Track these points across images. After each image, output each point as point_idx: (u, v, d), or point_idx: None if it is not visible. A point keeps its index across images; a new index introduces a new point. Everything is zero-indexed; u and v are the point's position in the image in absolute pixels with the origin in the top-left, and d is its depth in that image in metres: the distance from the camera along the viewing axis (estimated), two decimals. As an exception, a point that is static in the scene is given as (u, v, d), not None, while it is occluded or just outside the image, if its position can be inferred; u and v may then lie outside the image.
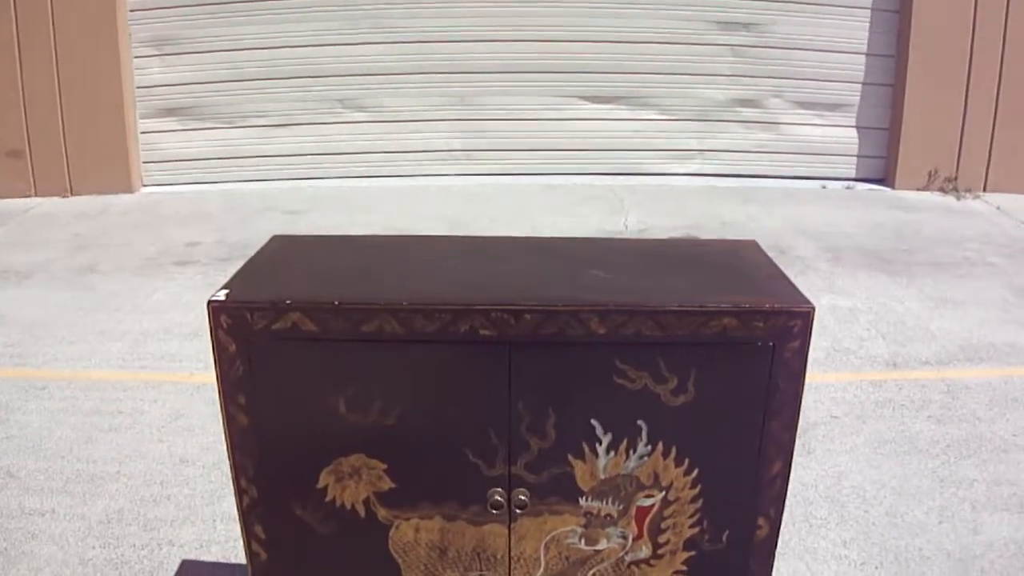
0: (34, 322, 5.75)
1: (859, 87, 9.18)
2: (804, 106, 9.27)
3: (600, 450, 2.21)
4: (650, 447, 2.20)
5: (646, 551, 2.30)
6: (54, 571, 3.41)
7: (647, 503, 2.26)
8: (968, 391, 4.86)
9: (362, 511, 2.26)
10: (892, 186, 9.15)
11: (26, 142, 8.69)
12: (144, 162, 9.14)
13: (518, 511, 2.25)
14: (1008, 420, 4.57)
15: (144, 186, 9.16)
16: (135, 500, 3.89)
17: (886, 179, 9.28)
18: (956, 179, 9.00)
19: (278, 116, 9.15)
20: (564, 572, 2.32)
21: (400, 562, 2.32)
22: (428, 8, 8.91)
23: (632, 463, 2.22)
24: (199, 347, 5.29)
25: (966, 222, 8.09)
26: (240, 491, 2.25)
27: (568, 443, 2.20)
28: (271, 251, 2.52)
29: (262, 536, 2.29)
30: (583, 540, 2.29)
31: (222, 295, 2.14)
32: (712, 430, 2.20)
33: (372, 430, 2.19)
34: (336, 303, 2.10)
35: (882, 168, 9.34)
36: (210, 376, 2.17)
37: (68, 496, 3.91)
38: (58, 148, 8.73)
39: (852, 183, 9.34)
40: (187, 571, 3.44)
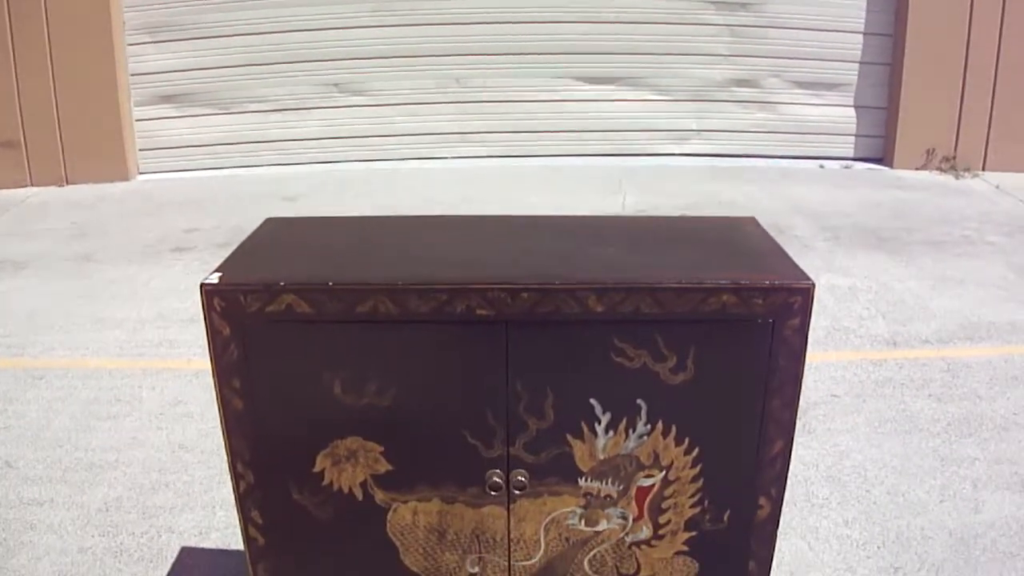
0: (31, 311, 5.73)
1: (857, 66, 9.14)
2: (802, 86, 9.23)
3: (599, 430, 2.18)
4: (650, 426, 2.18)
5: (647, 531, 2.29)
6: (53, 560, 3.40)
7: (647, 483, 2.24)
8: (968, 370, 4.84)
9: (359, 494, 2.25)
10: (890, 165, 9.12)
11: (21, 132, 8.66)
12: (140, 150, 9.11)
13: (517, 492, 2.24)
14: (1008, 398, 4.55)
15: (140, 174, 9.12)
16: (134, 488, 3.88)
17: (884, 158, 9.25)
18: (955, 158, 8.96)
19: (274, 101, 9.12)
20: (564, 553, 2.31)
21: (398, 545, 2.30)
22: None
23: (632, 443, 2.20)
24: (197, 333, 5.26)
25: (965, 201, 8.06)
26: (236, 476, 2.23)
27: (567, 423, 2.18)
28: (265, 233, 2.49)
29: (259, 521, 2.27)
30: (583, 521, 2.27)
31: (215, 278, 2.11)
32: (712, 409, 2.18)
33: (368, 412, 2.17)
34: (330, 284, 2.07)
35: (880, 147, 9.30)
36: (208, 362, 2.15)
37: (66, 485, 3.90)
38: (53, 137, 8.70)
39: (850, 163, 9.31)
40: (186, 558, 3.43)
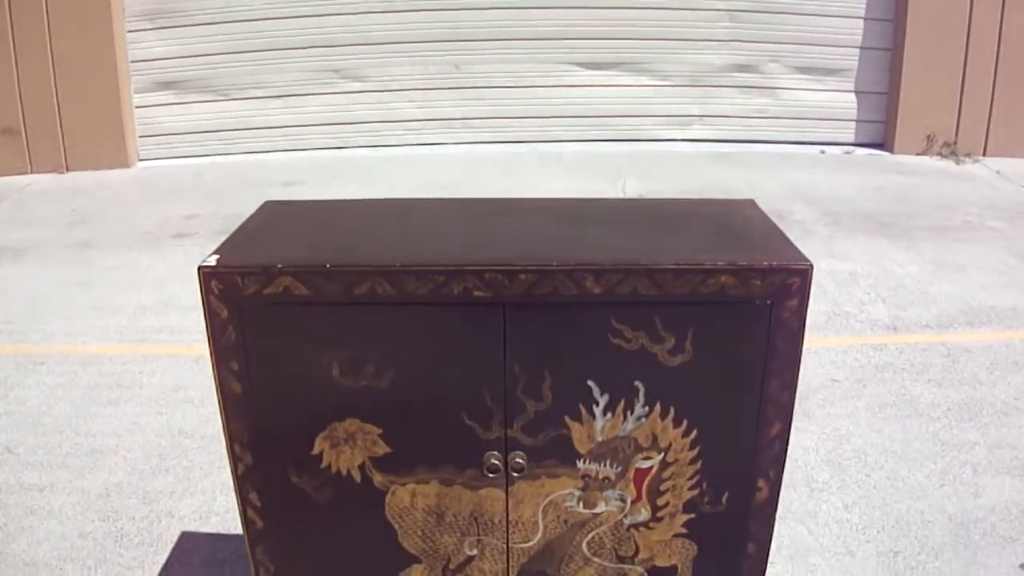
0: (32, 298, 5.73)
1: (857, 51, 9.11)
2: (802, 71, 9.20)
3: (597, 412, 2.18)
4: (648, 408, 2.18)
5: (645, 514, 2.29)
6: (53, 545, 3.41)
7: (646, 465, 2.24)
8: (969, 354, 4.84)
9: (358, 477, 2.24)
10: (891, 151, 9.11)
11: (21, 119, 8.65)
12: (140, 136, 9.10)
13: (515, 475, 2.23)
14: (1009, 383, 4.55)
15: (140, 160, 9.11)
16: (134, 473, 3.89)
17: (885, 144, 9.23)
18: (955, 143, 8.95)
19: (274, 87, 9.10)
20: (563, 536, 2.31)
21: (397, 527, 2.30)
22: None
23: (630, 424, 2.19)
24: (197, 319, 5.20)
25: (966, 186, 8.05)
26: (235, 458, 2.23)
27: (564, 405, 2.17)
28: (262, 217, 2.48)
29: (258, 504, 2.27)
30: (581, 503, 2.27)
31: (213, 260, 2.11)
32: (710, 391, 2.17)
33: (366, 394, 2.16)
34: (327, 266, 2.07)
35: (881, 133, 9.28)
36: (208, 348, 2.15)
37: (67, 470, 3.91)
38: (53, 125, 8.68)
39: (851, 148, 9.29)
40: (186, 543, 3.43)
